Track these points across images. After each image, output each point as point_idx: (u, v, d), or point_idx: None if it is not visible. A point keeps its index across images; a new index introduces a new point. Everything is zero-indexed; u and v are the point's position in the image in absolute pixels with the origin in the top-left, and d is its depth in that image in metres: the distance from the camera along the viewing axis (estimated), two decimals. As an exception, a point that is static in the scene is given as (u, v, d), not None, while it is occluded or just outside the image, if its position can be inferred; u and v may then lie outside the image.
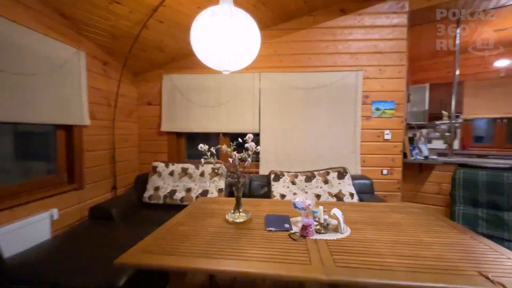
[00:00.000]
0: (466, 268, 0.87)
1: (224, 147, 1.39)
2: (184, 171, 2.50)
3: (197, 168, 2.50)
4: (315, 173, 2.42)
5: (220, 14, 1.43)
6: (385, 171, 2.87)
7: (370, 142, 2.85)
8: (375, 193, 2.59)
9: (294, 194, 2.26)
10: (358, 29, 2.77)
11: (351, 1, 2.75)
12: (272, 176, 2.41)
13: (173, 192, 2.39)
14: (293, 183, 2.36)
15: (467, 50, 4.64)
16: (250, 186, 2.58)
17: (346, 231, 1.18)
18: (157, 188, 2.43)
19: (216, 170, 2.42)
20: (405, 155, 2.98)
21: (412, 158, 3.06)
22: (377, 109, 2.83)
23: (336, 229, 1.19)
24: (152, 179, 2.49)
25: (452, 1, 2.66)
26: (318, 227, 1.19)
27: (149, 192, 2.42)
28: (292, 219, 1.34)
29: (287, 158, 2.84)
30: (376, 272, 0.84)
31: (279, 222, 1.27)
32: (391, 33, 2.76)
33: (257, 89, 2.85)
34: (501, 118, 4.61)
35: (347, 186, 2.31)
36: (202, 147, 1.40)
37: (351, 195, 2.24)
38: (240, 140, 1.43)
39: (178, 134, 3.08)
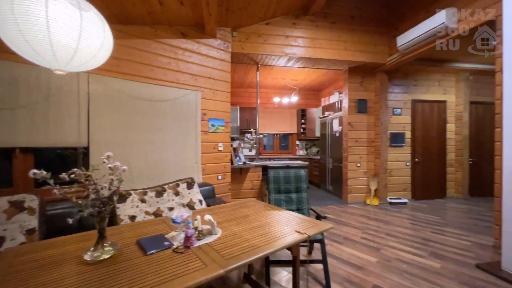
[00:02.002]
0: (289, 230, 1.44)
1: (81, 170, 1.10)
2: None
3: (-26, 206, 1.56)
4: (165, 186, 2.42)
5: (62, -1, 1.14)
6: (220, 177, 3.46)
7: (208, 153, 3.31)
8: (216, 196, 3.06)
9: (146, 213, 2.12)
10: (197, 55, 3.16)
11: (190, 29, 3.09)
12: (115, 197, 2.08)
13: None
14: (143, 200, 2.20)
15: (261, 86, 6.67)
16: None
17: (219, 232, 1.41)
18: None
19: (23, 204, 1.66)
20: (231, 162, 3.78)
21: (236, 164, 3.95)
22: (213, 125, 3.36)
23: (210, 232, 1.38)
24: None
25: (255, 55, 3.85)
26: (196, 234, 1.31)
27: None
28: (167, 236, 1.34)
29: (130, 175, 2.56)
30: (252, 252, 1.15)
31: (157, 242, 1.23)
32: (220, 65, 3.43)
33: (84, 93, 2.31)
34: (277, 134, 7.14)
35: (196, 195, 2.54)
36: (37, 173, 1.00)
37: (200, 201, 2.51)
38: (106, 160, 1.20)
39: None
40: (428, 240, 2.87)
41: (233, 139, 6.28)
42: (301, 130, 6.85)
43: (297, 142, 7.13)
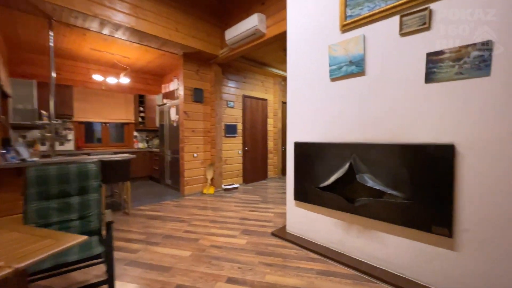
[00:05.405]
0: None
1: None
2: None
3: None
4: None
5: None
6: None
7: None
8: None
9: None
10: None
11: None
12: None
13: None
14: None
15: (76, 58, 5.04)
16: None
17: None
18: None
19: None
20: (-8, 160, 2.39)
21: (9, 162, 2.59)
22: None
23: None
24: None
25: (40, 1, 2.61)
26: None
27: None
28: None
29: None
30: None
31: None
32: None
33: None
34: (106, 123, 5.75)
35: None
36: None
37: None
38: None
39: None
40: (245, 219, 3.18)
41: (18, 127, 4.30)
42: (140, 120, 5.93)
43: (135, 133, 6.13)
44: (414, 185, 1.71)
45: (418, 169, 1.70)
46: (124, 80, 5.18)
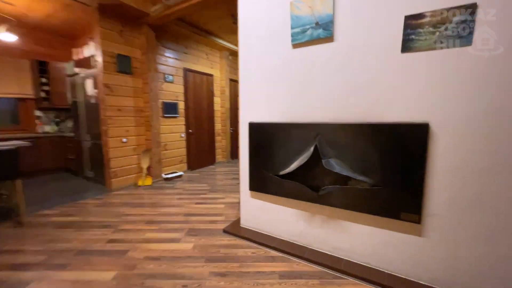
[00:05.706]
0: None
1: None
2: None
3: None
4: None
5: None
6: None
7: None
8: None
9: None
10: None
11: None
12: None
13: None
14: None
15: None
16: None
17: None
18: None
19: None
20: None
21: None
22: None
23: None
24: None
25: None
26: None
27: None
28: None
29: None
30: None
31: None
32: None
33: None
34: (-14, 98, 4.13)
35: None
36: None
37: None
38: None
39: None
40: (190, 214, 2.69)
41: None
42: (43, 95, 4.49)
43: (38, 113, 4.65)
44: (384, 169, 1.53)
45: (389, 152, 1.51)
46: (8, 37, 3.69)
